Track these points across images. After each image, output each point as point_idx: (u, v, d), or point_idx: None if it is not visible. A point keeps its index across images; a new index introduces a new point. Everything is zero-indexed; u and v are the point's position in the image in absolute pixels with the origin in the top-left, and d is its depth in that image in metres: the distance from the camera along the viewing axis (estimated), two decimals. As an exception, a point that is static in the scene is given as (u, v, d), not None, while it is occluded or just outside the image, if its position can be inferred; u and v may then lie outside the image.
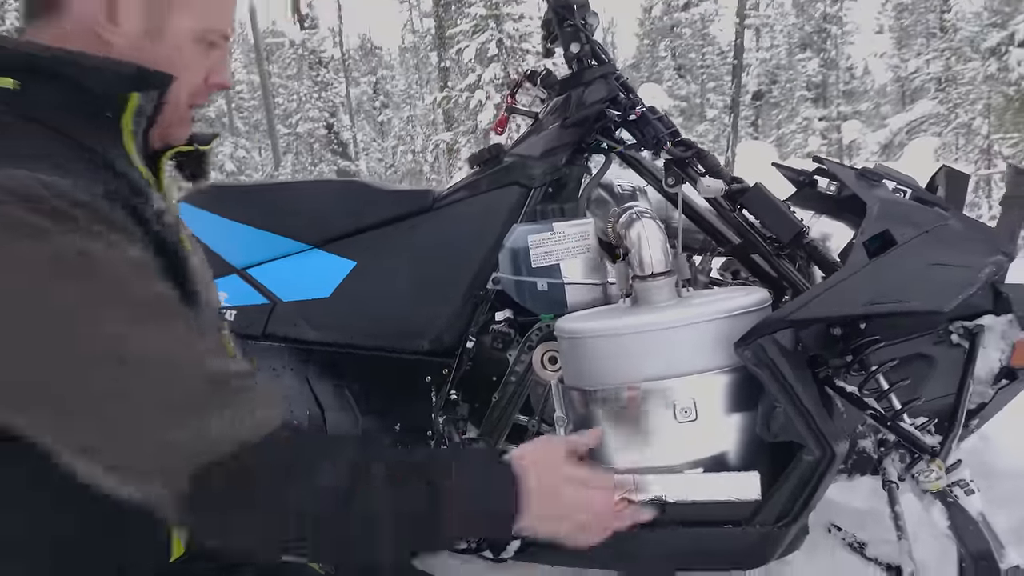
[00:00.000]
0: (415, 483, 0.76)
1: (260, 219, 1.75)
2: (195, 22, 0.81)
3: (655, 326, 1.21)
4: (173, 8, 0.80)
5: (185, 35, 0.81)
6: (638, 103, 1.49)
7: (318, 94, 19.46)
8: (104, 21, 0.77)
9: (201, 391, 0.69)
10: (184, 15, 0.80)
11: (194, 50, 0.83)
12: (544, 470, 0.87)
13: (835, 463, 1.18)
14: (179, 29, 0.80)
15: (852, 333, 1.27)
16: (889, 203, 1.25)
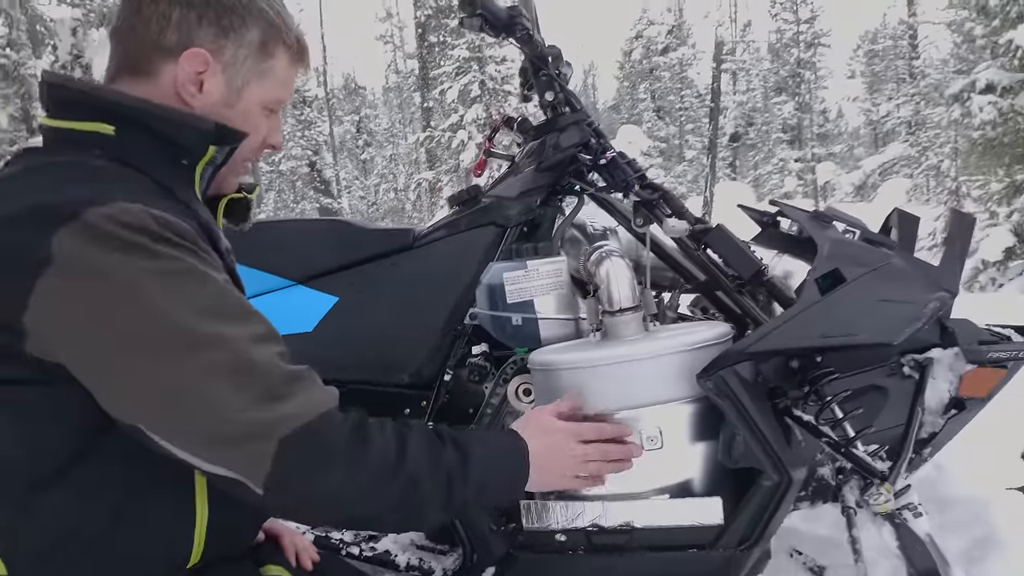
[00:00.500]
0: (450, 447, 0.93)
1: (245, 256, 1.80)
2: (264, 96, 0.96)
3: (623, 358, 1.28)
4: (250, 84, 0.94)
5: (254, 105, 0.96)
6: (608, 148, 1.58)
7: (301, 132, 19.64)
8: (194, 91, 0.91)
9: (281, 382, 0.82)
10: (256, 90, 0.95)
11: (259, 116, 0.97)
12: (540, 432, 1.06)
13: (793, 488, 1.24)
14: (250, 100, 0.95)
15: (809, 365, 1.34)
16: (839, 243, 1.34)
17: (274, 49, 0.95)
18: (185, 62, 0.89)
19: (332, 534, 1.55)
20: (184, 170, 0.90)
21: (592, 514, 1.29)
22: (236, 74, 0.93)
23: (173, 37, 0.89)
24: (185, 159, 0.90)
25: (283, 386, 0.82)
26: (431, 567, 1.43)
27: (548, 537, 1.32)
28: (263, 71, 0.95)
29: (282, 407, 0.80)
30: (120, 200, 0.77)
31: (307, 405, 0.83)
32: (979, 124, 8.33)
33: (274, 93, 0.97)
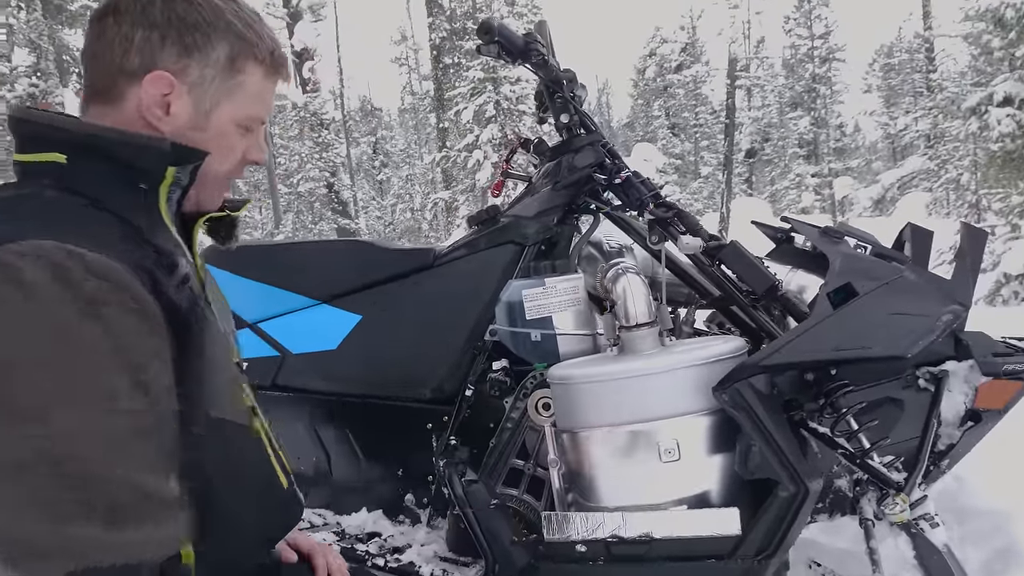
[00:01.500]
0: None
1: (271, 276, 1.87)
2: (237, 114, 0.92)
3: (640, 372, 1.32)
4: (219, 104, 0.90)
5: (227, 124, 0.91)
6: (623, 168, 1.63)
7: (319, 154, 19.85)
8: (160, 114, 0.87)
9: (115, 503, 0.70)
10: (227, 109, 0.91)
11: (234, 135, 0.93)
12: None
13: (809, 499, 1.26)
14: (222, 120, 0.91)
15: (824, 378, 1.37)
16: (850, 258, 1.37)
17: (244, 65, 0.90)
18: (148, 85, 0.86)
19: (357, 546, 1.59)
20: (144, 194, 0.86)
21: (612, 525, 1.32)
22: (204, 94, 0.89)
23: (136, 60, 0.86)
24: (144, 183, 0.86)
25: (120, 512, 0.70)
26: (454, 578, 1.46)
27: (569, 548, 1.34)
28: (232, 88, 0.91)
29: (101, 534, 0.69)
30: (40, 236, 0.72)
31: (126, 545, 0.70)
32: (997, 137, 8.28)
33: (247, 110, 0.93)
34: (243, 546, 0.92)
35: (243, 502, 0.90)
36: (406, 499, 1.70)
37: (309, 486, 1.85)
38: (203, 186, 0.93)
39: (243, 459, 0.91)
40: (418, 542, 1.60)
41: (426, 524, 1.67)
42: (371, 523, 1.71)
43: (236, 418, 0.90)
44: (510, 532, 1.41)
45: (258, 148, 0.98)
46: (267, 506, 0.95)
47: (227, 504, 0.87)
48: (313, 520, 1.76)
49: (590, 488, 1.36)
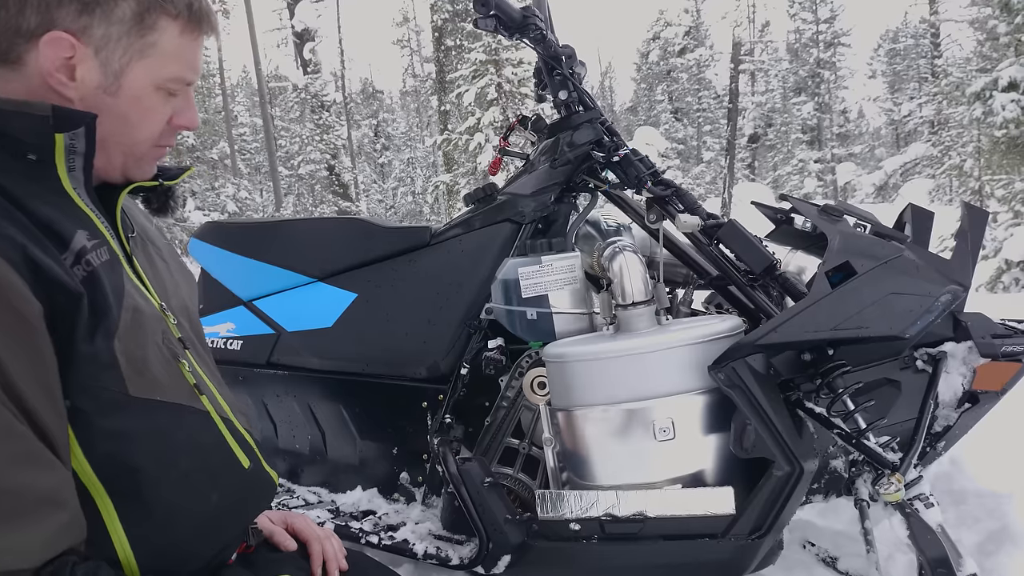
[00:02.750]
0: None
1: (267, 254, 1.86)
2: (153, 76, 0.84)
3: (635, 351, 1.31)
4: (130, 65, 0.83)
5: (142, 88, 0.84)
6: (621, 145, 1.61)
7: (320, 137, 19.77)
8: (64, 79, 0.80)
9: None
10: (141, 71, 0.83)
11: (154, 98, 0.86)
12: None
13: (804, 479, 1.25)
14: (136, 83, 0.84)
15: (821, 358, 1.35)
16: (849, 236, 1.35)
17: (155, 21, 0.83)
18: (46, 47, 0.79)
19: (351, 524, 1.58)
20: (37, 165, 0.80)
21: (606, 503, 1.32)
22: (111, 55, 0.82)
23: (33, 19, 0.78)
24: (32, 153, 0.79)
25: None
26: (448, 555, 1.46)
27: (562, 526, 1.34)
28: (144, 48, 0.83)
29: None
30: None
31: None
32: (1001, 123, 8.23)
33: (166, 71, 0.85)
34: (196, 531, 0.87)
35: (189, 486, 0.85)
36: (401, 477, 1.70)
37: (304, 464, 1.86)
38: (128, 155, 0.88)
39: (183, 441, 0.85)
40: (412, 520, 1.60)
41: (421, 502, 1.67)
42: (366, 501, 1.71)
43: (170, 398, 0.84)
44: (504, 510, 1.41)
45: (186, 112, 0.91)
46: (224, 488, 0.90)
47: (167, 490, 0.82)
48: (308, 498, 1.76)
49: (584, 467, 1.36)
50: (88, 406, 0.77)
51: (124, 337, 0.80)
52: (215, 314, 1.92)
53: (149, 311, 0.86)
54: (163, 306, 0.91)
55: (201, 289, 1.99)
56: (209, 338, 1.89)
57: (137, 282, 0.88)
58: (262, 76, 18.56)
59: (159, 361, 0.85)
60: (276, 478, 1.02)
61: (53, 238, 0.77)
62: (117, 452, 0.78)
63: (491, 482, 1.43)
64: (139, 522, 0.80)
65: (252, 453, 0.96)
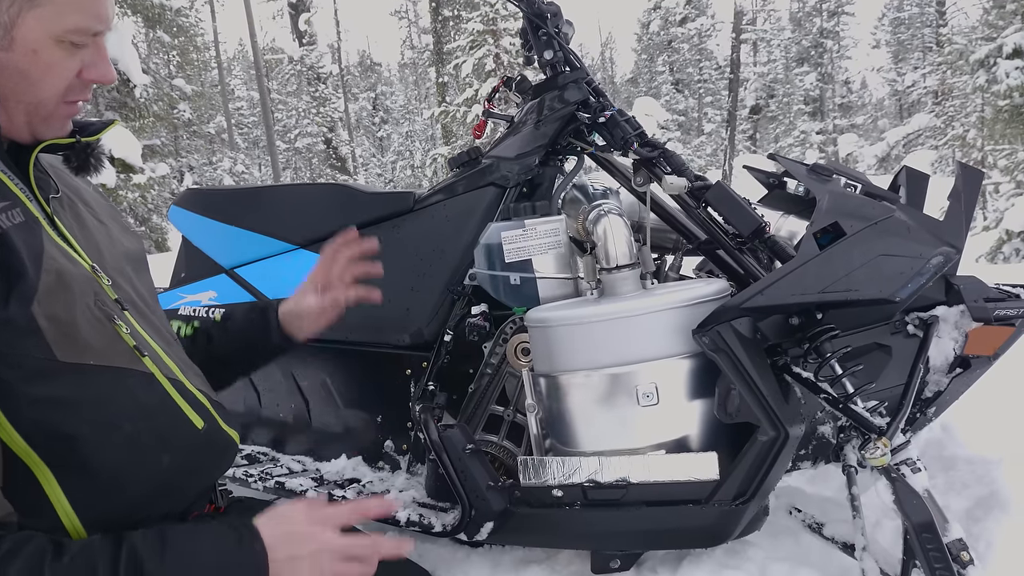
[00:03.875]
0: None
1: (248, 221, 1.82)
2: (49, 27, 0.79)
3: (618, 314, 1.28)
4: (20, 16, 0.78)
5: (39, 40, 0.79)
6: (608, 106, 1.56)
7: (316, 109, 19.62)
8: None
9: None
10: (34, 22, 0.78)
11: (55, 52, 0.81)
12: (295, 541, 0.80)
13: (789, 444, 1.23)
14: (31, 35, 0.79)
15: (809, 322, 1.32)
16: (838, 196, 1.31)
17: None
18: None
19: (335, 492, 1.57)
20: None
21: (588, 469, 1.30)
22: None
23: None
24: None
25: None
26: (431, 523, 1.44)
27: (545, 492, 1.32)
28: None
29: None
30: None
31: None
32: (1005, 91, 8.13)
33: (64, 21, 0.80)
34: (150, 494, 0.85)
35: (134, 449, 0.82)
36: (385, 445, 1.68)
37: (289, 433, 1.84)
38: (33, 113, 0.83)
39: (124, 404, 0.83)
40: (397, 488, 1.58)
41: (405, 470, 1.65)
42: (350, 469, 1.69)
43: (105, 361, 0.81)
44: (486, 477, 1.39)
45: (98, 64, 0.85)
46: (176, 450, 0.87)
47: (110, 454, 0.79)
48: (292, 467, 1.74)
49: (567, 433, 1.34)
50: (9, 374, 0.73)
51: (45, 300, 0.77)
52: (197, 282, 1.89)
53: (77, 272, 0.83)
54: (95, 267, 0.87)
55: (182, 257, 1.96)
56: (191, 307, 1.87)
57: (62, 243, 0.84)
58: (258, 49, 18.37)
59: (91, 324, 0.81)
60: (236, 438, 1.00)
61: None
62: (49, 420, 0.76)
63: (473, 449, 1.40)
64: (82, 489, 0.78)
65: (206, 413, 0.94)
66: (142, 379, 0.86)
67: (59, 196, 0.90)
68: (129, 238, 1.02)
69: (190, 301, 1.88)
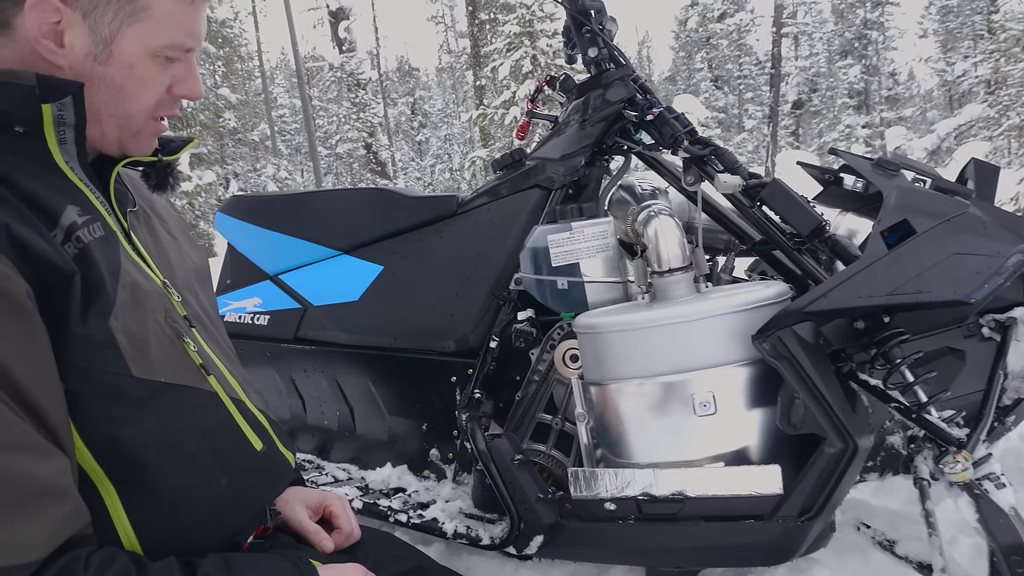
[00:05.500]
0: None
1: (292, 227, 1.81)
2: (147, 42, 0.80)
3: (672, 320, 1.22)
4: (120, 31, 0.78)
5: (136, 55, 0.80)
6: (655, 103, 1.51)
7: (356, 115, 19.82)
8: (52, 46, 0.77)
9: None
10: (133, 37, 0.79)
11: (150, 66, 0.81)
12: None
13: (858, 456, 1.16)
14: (129, 50, 0.79)
15: (875, 326, 1.25)
16: (907, 192, 1.24)
17: None
18: (31, 11, 0.74)
19: (380, 502, 1.54)
20: (25, 138, 0.76)
21: (643, 482, 1.24)
22: (101, 20, 0.77)
23: None
24: (20, 125, 0.76)
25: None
26: (479, 535, 1.40)
27: (597, 505, 1.27)
28: (135, 13, 0.78)
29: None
30: None
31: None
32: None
33: (161, 37, 0.80)
34: (206, 516, 0.83)
35: (196, 470, 0.81)
36: (431, 454, 1.65)
37: (334, 440, 1.82)
38: (124, 127, 0.83)
39: (189, 424, 0.81)
40: (443, 498, 1.55)
41: (451, 479, 1.62)
42: (396, 478, 1.66)
43: (173, 379, 0.80)
44: (536, 488, 1.34)
45: (188, 80, 0.85)
46: (235, 471, 0.85)
47: (172, 475, 0.78)
48: (337, 475, 1.72)
49: (620, 443, 1.28)
50: (85, 389, 0.72)
51: (122, 315, 0.76)
52: (242, 289, 1.89)
53: (150, 288, 0.82)
54: (166, 283, 0.87)
55: (228, 264, 1.96)
56: (236, 313, 1.86)
57: (136, 258, 0.84)
58: (299, 57, 18.63)
59: (161, 340, 0.80)
60: (293, 460, 0.98)
61: (41, 215, 0.74)
62: (117, 436, 0.74)
63: (521, 459, 1.36)
64: (143, 508, 0.76)
65: (266, 434, 0.92)
66: (207, 399, 0.85)
67: (136, 210, 0.91)
68: (196, 252, 1.02)
69: (235, 308, 1.87)
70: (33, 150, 0.77)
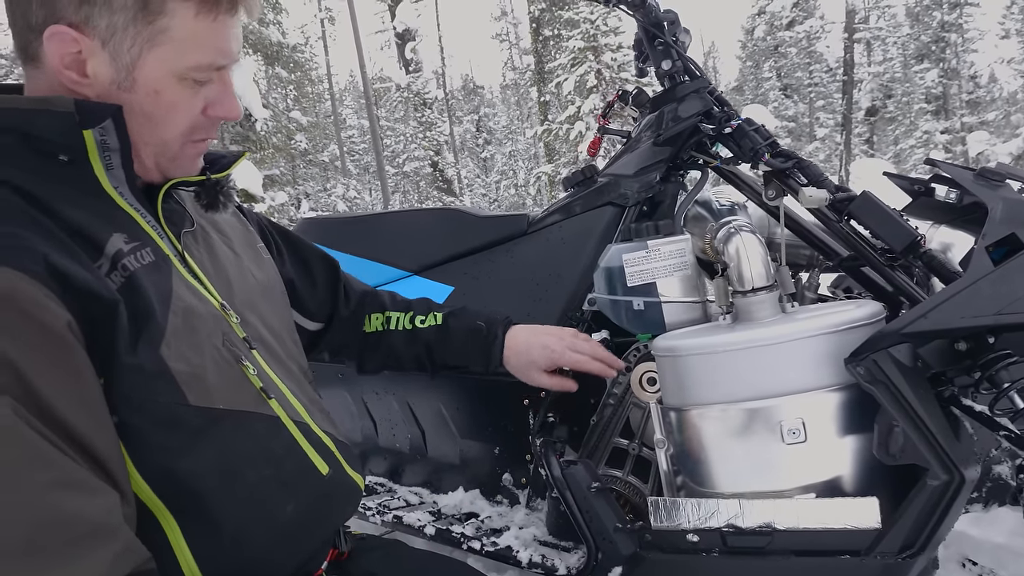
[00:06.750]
0: None
1: (361, 248, 1.82)
2: (170, 66, 0.78)
3: (758, 342, 1.16)
4: (142, 57, 0.77)
5: (161, 80, 0.78)
6: (733, 116, 1.45)
7: (423, 134, 20.17)
8: (75, 76, 0.76)
9: (26, 536, 0.59)
10: (155, 62, 0.77)
11: (178, 90, 0.79)
12: None
13: (964, 489, 1.08)
14: (153, 75, 0.77)
15: (979, 348, 1.16)
16: (1014, 204, 1.15)
17: (162, 5, 0.75)
18: (49, 43, 0.74)
19: (453, 528, 1.52)
20: (70, 167, 0.75)
21: (728, 513, 1.18)
22: (120, 47, 0.75)
23: (40, 13, 0.74)
24: (63, 153, 0.75)
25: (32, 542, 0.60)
26: (554, 564, 1.36)
27: (679, 536, 1.22)
28: (155, 36, 0.76)
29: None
30: None
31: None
32: None
33: (186, 59, 0.78)
34: (272, 544, 0.81)
35: (260, 498, 0.79)
36: (503, 479, 1.62)
37: (405, 463, 1.81)
38: (160, 154, 0.82)
39: (250, 450, 0.79)
40: (516, 524, 1.51)
41: (525, 505, 1.58)
42: (468, 503, 1.64)
43: (232, 404, 0.78)
44: (613, 518, 1.30)
45: (224, 100, 0.83)
46: (301, 497, 0.83)
47: (234, 504, 0.76)
48: (409, 499, 1.71)
49: (702, 472, 1.23)
50: (138, 420, 0.71)
51: (174, 342, 0.74)
52: (314, 311, 1.90)
53: (206, 311, 0.80)
54: (224, 304, 0.85)
55: (300, 287, 1.98)
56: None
57: (192, 281, 0.82)
58: (367, 79, 19.10)
59: (219, 365, 0.79)
60: (361, 483, 0.96)
61: (85, 244, 0.72)
62: (175, 467, 0.73)
63: (598, 487, 1.32)
64: (206, 539, 0.74)
65: (332, 457, 0.89)
66: (268, 423, 0.83)
67: (192, 230, 0.90)
68: (261, 268, 1.01)
69: (308, 330, 1.89)
70: (80, 179, 0.77)
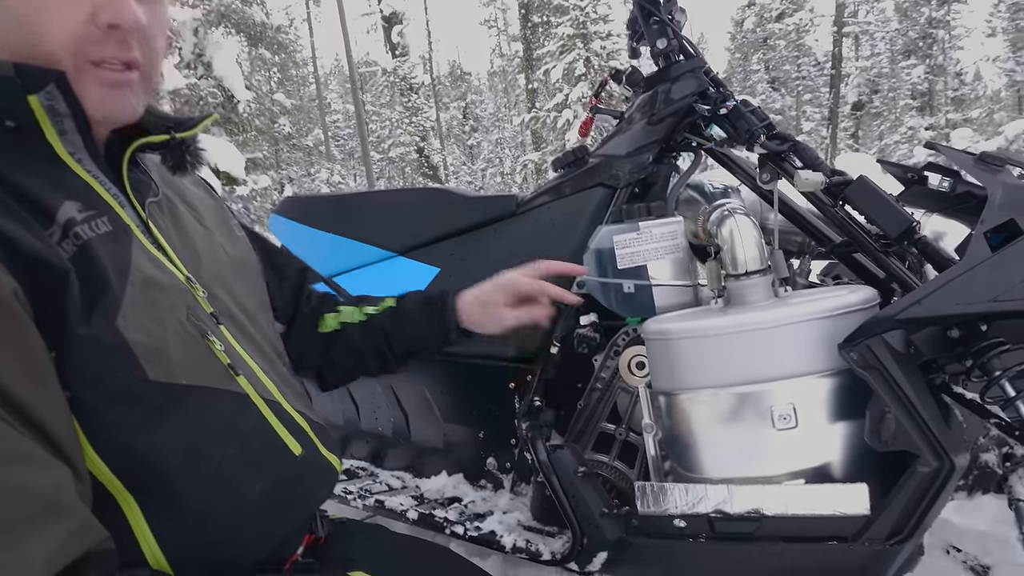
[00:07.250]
0: None
1: (346, 228, 1.78)
2: None
3: (750, 326, 1.14)
4: None
5: None
6: (729, 97, 1.43)
7: (409, 119, 20.02)
8: None
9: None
10: None
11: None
12: None
13: (954, 476, 1.06)
14: None
15: (972, 335, 1.15)
16: (1014, 189, 1.13)
17: None
18: None
19: (436, 512, 1.49)
20: (19, 133, 0.70)
21: (716, 499, 1.16)
22: None
23: None
24: (9, 119, 0.69)
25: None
26: (539, 550, 1.34)
27: (665, 522, 1.20)
28: None
29: None
30: None
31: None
32: None
33: None
34: (240, 526, 0.77)
35: (225, 478, 0.75)
36: (488, 463, 1.60)
37: (388, 447, 1.78)
38: (97, 97, 0.73)
39: (216, 428, 0.75)
40: (500, 509, 1.49)
41: (509, 490, 1.56)
42: (451, 487, 1.61)
43: (196, 380, 0.74)
44: (600, 503, 1.28)
45: (113, 4, 0.71)
46: (271, 478, 0.80)
47: (198, 483, 0.72)
48: (391, 483, 1.68)
49: (690, 457, 1.21)
50: (93, 395, 0.66)
51: (131, 314, 0.69)
52: (297, 291, 1.86)
53: (168, 283, 0.76)
54: (190, 278, 0.80)
55: (283, 265, 1.94)
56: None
57: (155, 252, 0.77)
58: (353, 63, 18.90)
59: (182, 340, 0.74)
60: (338, 465, 0.92)
61: (35, 211, 0.68)
62: (133, 446, 0.68)
63: (585, 472, 1.30)
64: (169, 519, 0.70)
65: (306, 438, 0.85)
66: (235, 400, 0.79)
67: (158, 200, 0.84)
68: (233, 244, 0.96)
69: (290, 310, 1.85)
70: (31, 144, 0.71)
